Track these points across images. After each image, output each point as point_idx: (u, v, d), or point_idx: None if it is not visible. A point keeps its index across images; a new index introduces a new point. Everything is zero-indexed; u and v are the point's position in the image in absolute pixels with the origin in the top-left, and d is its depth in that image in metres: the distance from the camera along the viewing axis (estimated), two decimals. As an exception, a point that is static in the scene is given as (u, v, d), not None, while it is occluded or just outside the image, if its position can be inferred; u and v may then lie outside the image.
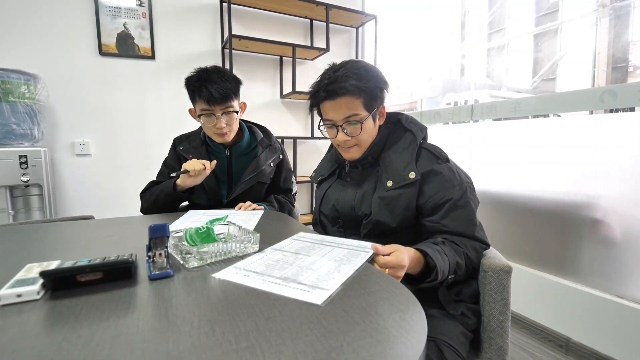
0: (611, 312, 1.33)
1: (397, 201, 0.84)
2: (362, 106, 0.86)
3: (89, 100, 2.03)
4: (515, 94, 2.63)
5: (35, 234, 0.90)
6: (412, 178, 0.83)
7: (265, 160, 1.29)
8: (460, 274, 0.78)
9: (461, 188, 0.83)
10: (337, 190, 0.99)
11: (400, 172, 0.85)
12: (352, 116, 0.86)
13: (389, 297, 0.51)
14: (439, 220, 0.82)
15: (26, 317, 0.44)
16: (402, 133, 0.92)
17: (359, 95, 0.85)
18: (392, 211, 0.84)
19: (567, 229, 1.53)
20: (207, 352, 0.37)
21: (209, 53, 2.33)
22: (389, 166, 0.88)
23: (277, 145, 1.37)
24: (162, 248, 0.61)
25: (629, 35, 1.80)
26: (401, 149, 0.89)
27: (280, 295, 0.50)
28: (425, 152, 0.88)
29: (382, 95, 0.89)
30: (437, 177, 0.83)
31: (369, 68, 0.88)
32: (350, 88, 0.83)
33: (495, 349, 0.78)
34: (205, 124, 1.19)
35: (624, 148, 1.34)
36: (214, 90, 1.12)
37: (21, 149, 1.65)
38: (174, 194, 1.15)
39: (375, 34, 2.63)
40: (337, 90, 0.84)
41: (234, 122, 1.21)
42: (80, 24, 1.99)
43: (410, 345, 0.38)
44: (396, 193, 0.85)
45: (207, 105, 1.14)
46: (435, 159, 0.86)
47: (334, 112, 0.87)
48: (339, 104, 0.85)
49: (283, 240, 0.78)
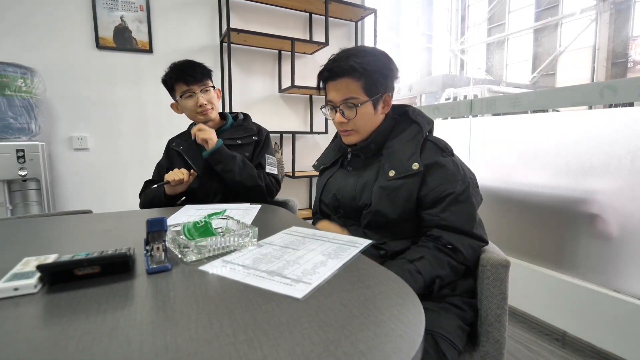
0: (608, 306, 1.34)
1: (399, 192, 0.83)
2: (361, 90, 0.85)
3: (87, 94, 2.02)
4: (514, 89, 2.62)
5: (32, 227, 0.89)
6: (415, 169, 0.82)
7: (229, 135, 1.32)
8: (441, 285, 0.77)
9: (464, 183, 0.82)
10: (339, 180, 0.98)
11: (403, 163, 0.84)
12: (349, 99, 0.86)
13: (387, 290, 0.51)
14: (438, 214, 0.81)
15: (23, 311, 0.44)
16: (408, 124, 0.91)
17: (358, 79, 0.84)
18: (393, 202, 0.83)
19: (565, 223, 1.54)
20: (204, 345, 0.37)
21: (207, 47, 2.32)
22: (392, 156, 0.87)
23: (250, 126, 1.38)
24: (160, 242, 0.60)
25: (629, 31, 1.80)
26: (406, 139, 0.88)
27: (263, 288, 0.50)
28: (431, 144, 0.87)
29: (385, 83, 0.87)
30: (440, 170, 0.83)
31: (375, 53, 0.87)
32: (348, 69, 0.83)
33: (493, 342, 0.79)
34: (187, 105, 1.27)
35: (622, 143, 1.34)
36: (190, 72, 1.24)
37: (18, 143, 1.64)
38: (166, 200, 1.23)
39: (375, 28, 2.61)
40: (337, 71, 0.85)
41: (214, 100, 1.30)
42: (76, 17, 1.97)
43: (408, 338, 0.38)
44: (398, 183, 0.83)
45: (186, 86, 1.24)
46: (440, 151, 0.85)
47: (335, 93, 0.88)
48: (340, 84, 0.86)
49: (274, 235, 0.78)
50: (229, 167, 1.21)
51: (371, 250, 0.85)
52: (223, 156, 1.21)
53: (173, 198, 1.24)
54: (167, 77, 1.27)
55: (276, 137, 2.58)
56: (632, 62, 2.57)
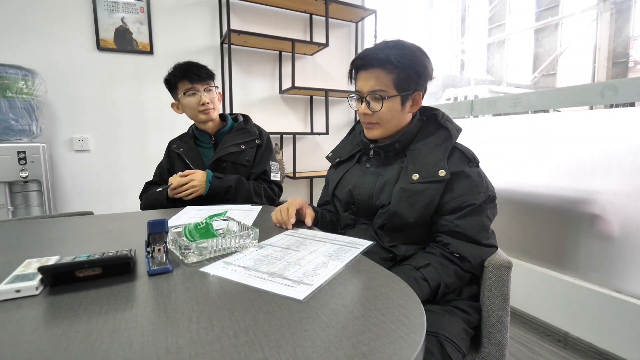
0: (609, 306, 1.34)
1: (420, 196, 0.81)
2: (391, 83, 0.83)
3: (88, 95, 2.02)
4: (515, 89, 2.62)
5: (33, 229, 0.89)
6: (442, 176, 0.80)
7: (232, 139, 1.32)
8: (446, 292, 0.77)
9: (485, 195, 0.82)
10: (356, 176, 0.95)
11: (429, 168, 0.82)
12: (378, 90, 0.84)
13: (388, 292, 0.50)
14: (453, 220, 0.80)
15: (25, 313, 0.44)
16: (436, 129, 0.89)
17: (391, 72, 0.82)
18: (413, 205, 0.81)
19: (566, 224, 1.53)
20: (206, 346, 0.37)
21: (207, 48, 2.32)
22: (417, 159, 0.85)
23: (252, 130, 1.38)
24: (161, 243, 0.61)
25: (630, 30, 1.79)
26: (433, 144, 0.86)
27: (264, 290, 0.50)
28: (459, 152, 0.85)
29: (418, 81, 0.85)
30: (466, 180, 0.82)
31: (413, 49, 0.85)
32: (382, 60, 0.82)
33: (495, 343, 0.79)
34: (189, 104, 1.27)
35: (623, 143, 1.34)
36: (195, 71, 1.26)
37: (20, 145, 1.65)
38: (167, 203, 1.24)
39: (375, 29, 2.62)
40: (370, 60, 0.83)
41: (216, 100, 1.32)
42: (77, 18, 1.97)
43: (409, 339, 0.38)
44: (421, 187, 0.81)
45: (190, 84, 1.26)
46: (467, 161, 0.84)
47: (364, 83, 0.86)
48: (370, 75, 0.84)
49: (275, 236, 0.78)
50: (224, 198, 1.24)
51: (381, 252, 0.85)
52: (219, 192, 1.23)
53: (174, 201, 1.24)
54: (171, 76, 1.28)
55: (277, 138, 2.58)
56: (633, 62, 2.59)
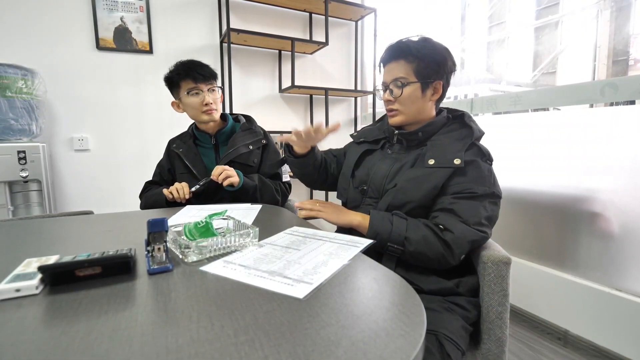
0: (609, 305, 1.34)
1: (429, 177, 0.85)
2: (412, 72, 0.89)
3: (87, 95, 2.02)
4: (515, 88, 2.61)
5: (34, 228, 0.89)
6: (457, 164, 0.84)
7: (241, 140, 1.32)
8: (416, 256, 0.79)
9: (489, 190, 0.84)
10: (377, 160, 1.00)
11: (446, 156, 0.86)
12: (399, 78, 0.90)
13: (388, 290, 0.51)
14: (450, 199, 0.82)
15: (25, 312, 0.44)
16: (460, 127, 0.94)
17: (412, 61, 0.89)
18: (421, 184, 0.85)
19: (566, 222, 1.53)
20: (205, 345, 0.37)
21: (207, 47, 2.32)
22: (436, 148, 0.89)
23: (258, 130, 1.39)
24: (161, 242, 0.61)
25: (630, 28, 1.79)
26: (454, 138, 0.90)
27: (264, 288, 0.50)
28: (476, 147, 0.89)
29: (438, 70, 0.90)
30: (474, 170, 0.84)
31: (435, 44, 0.91)
32: (403, 51, 0.89)
33: (494, 340, 0.79)
34: (192, 103, 1.26)
35: (624, 141, 1.34)
36: (199, 70, 1.24)
37: (20, 145, 1.65)
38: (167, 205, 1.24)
39: (375, 28, 2.61)
40: (394, 52, 0.91)
41: (218, 101, 1.31)
42: (77, 18, 1.97)
43: (409, 338, 0.38)
44: (431, 171, 0.86)
45: (193, 84, 1.24)
46: (482, 155, 0.88)
47: (388, 74, 0.93)
48: (393, 66, 0.92)
49: (275, 235, 0.78)
50: (253, 197, 1.24)
51: None
52: (247, 190, 1.23)
53: (175, 204, 1.23)
54: (174, 74, 1.26)
55: (277, 137, 2.58)
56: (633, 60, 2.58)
